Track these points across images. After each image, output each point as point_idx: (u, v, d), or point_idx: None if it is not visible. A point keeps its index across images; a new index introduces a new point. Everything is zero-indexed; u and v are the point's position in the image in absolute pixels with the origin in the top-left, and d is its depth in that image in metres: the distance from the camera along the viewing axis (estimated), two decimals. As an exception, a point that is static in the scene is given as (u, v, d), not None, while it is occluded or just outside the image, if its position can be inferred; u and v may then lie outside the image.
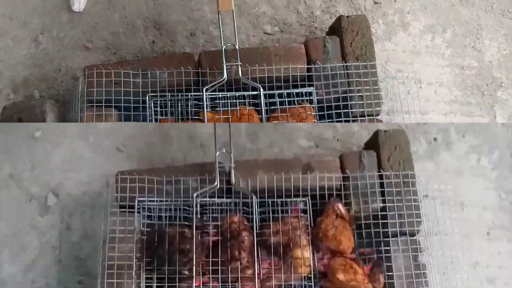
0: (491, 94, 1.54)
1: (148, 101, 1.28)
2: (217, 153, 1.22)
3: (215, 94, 1.30)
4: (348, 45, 1.32)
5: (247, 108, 1.29)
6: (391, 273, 1.19)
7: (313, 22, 1.56)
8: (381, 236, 1.22)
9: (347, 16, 1.35)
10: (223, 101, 1.31)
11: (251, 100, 1.30)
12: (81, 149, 1.47)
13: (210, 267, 1.17)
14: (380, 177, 1.26)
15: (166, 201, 1.24)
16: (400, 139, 1.30)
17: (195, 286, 1.13)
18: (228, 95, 1.30)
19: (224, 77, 1.23)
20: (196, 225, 1.19)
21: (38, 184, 1.43)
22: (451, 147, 1.53)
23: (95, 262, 1.27)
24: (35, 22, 1.54)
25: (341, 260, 1.18)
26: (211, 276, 1.18)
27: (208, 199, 1.26)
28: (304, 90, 1.31)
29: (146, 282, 1.19)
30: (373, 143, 1.33)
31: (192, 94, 1.29)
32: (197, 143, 1.48)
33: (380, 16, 1.55)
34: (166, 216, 1.24)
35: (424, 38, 1.55)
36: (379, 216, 1.24)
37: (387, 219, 1.23)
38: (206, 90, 1.23)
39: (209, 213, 1.26)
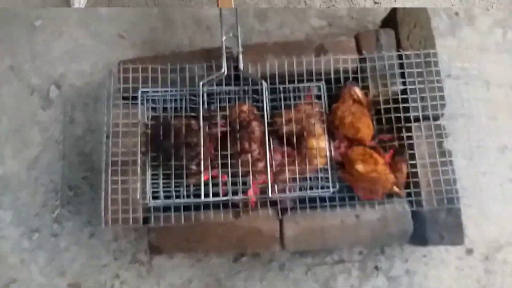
0: None
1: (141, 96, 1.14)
2: (224, 37, 1.12)
3: (212, 89, 1.16)
4: (405, 38, 1.16)
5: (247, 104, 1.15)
6: (414, 162, 1.08)
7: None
8: (403, 121, 1.10)
9: (403, 8, 1.18)
10: (222, 96, 1.17)
11: (255, 96, 1.17)
12: (83, 38, 1.38)
13: (219, 161, 1.08)
14: (400, 57, 1.14)
15: (171, 91, 1.15)
16: (420, 15, 1.17)
17: (204, 181, 1.05)
18: (227, 89, 1.16)
19: (223, 71, 1.11)
20: (203, 115, 1.09)
21: (40, 76, 1.36)
22: (474, 21, 1.37)
23: (100, 157, 1.20)
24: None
25: (360, 149, 1.07)
26: (220, 170, 1.09)
27: (215, 87, 1.16)
28: (312, 84, 1.15)
29: (152, 178, 1.12)
30: (390, 21, 1.20)
31: (188, 88, 1.16)
32: (203, 26, 1.36)
33: (442, 8, 1.35)
34: (171, 108, 1.15)
35: (494, 34, 1.35)
36: (400, 100, 1.12)
37: (408, 103, 1.11)
38: (203, 85, 1.11)
39: (217, 103, 1.17)
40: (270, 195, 1.05)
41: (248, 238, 1.07)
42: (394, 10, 1.19)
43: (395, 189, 1.05)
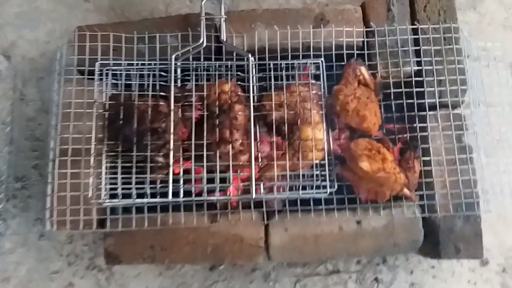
0: None
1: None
2: (204, 0, 0.91)
3: (188, 64, 0.95)
4: (421, 9, 0.98)
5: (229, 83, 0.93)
6: (428, 158, 0.89)
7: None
8: (416, 109, 0.90)
9: None
10: (199, 72, 0.96)
11: (240, 74, 0.96)
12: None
13: (193, 152, 0.86)
14: (415, 31, 0.96)
15: (136, 64, 0.94)
16: (437, -15, 0.98)
17: (173, 176, 0.84)
18: (205, 65, 0.96)
19: (201, 41, 0.92)
20: (174, 95, 0.87)
21: (-14, 43, 1.13)
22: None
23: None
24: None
25: (365, 142, 0.86)
26: (193, 163, 0.86)
27: (191, 62, 0.94)
28: (309, 61, 0.95)
29: (110, 172, 0.89)
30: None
31: (157, 62, 0.95)
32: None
33: None
34: (136, 85, 0.93)
35: None
36: (413, 83, 0.92)
37: (423, 87, 0.92)
38: (176, 58, 0.92)
39: (193, 81, 0.95)
40: (253, 195, 0.84)
41: (227, 248, 0.88)
42: (406, -24, 0.98)
43: (405, 192, 0.86)
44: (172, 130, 0.85)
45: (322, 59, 0.94)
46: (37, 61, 1.12)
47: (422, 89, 0.91)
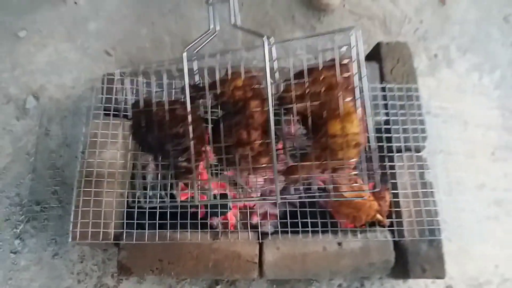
0: None
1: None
2: None
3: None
4: (388, 72, 1.17)
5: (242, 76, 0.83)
6: (396, 191, 1.05)
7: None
8: (385, 151, 1.07)
9: (387, 43, 1.21)
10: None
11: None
12: (68, 51, 1.32)
13: (212, 156, 0.85)
14: (383, 89, 1.13)
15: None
16: (402, 51, 1.18)
17: (200, 182, 0.89)
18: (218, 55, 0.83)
19: (211, 27, 0.84)
20: (190, 94, 0.80)
21: (18, 85, 1.27)
22: (452, 64, 1.40)
23: (72, 172, 1.12)
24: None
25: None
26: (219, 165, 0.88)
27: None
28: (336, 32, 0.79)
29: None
30: (375, 55, 1.20)
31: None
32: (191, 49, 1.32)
33: (422, 50, 1.41)
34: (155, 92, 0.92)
35: (471, 77, 1.40)
36: (383, 130, 1.10)
37: (391, 133, 1.09)
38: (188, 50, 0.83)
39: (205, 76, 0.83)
40: (279, 199, 0.81)
41: (226, 263, 0.98)
42: (378, 45, 1.19)
43: (378, 217, 1.00)
44: (191, 135, 0.81)
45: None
46: (62, 103, 1.26)
47: (390, 135, 1.10)
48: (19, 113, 1.25)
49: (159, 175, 0.97)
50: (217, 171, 1.02)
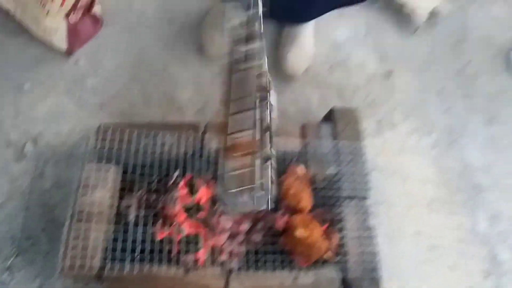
0: (473, 196, 1.57)
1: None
2: None
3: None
4: (341, 132, 1.36)
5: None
6: (344, 233, 1.22)
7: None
8: (335, 199, 1.26)
9: (340, 108, 1.42)
10: None
11: None
12: (66, 103, 1.48)
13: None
14: (335, 146, 1.33)
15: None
16: (353, 115, 1.39)
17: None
18: None
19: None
20: None
21: (19, 131, 1.42)
22: (395, 127, 1.62)
23: (62, 211, 1.25)
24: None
25: (301, 216, 1.20)
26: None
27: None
28: None
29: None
30: (330, 117, 1.41)
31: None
32: (175, 107, 1.52)
33: (370, 115, 1.63)
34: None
35: (410, 138, 1.62)
36: (333, 181, 1.28)
37: (340, 184, 1.27)
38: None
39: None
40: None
41: (196, 294, 1.12)
42: (332, 109, 1.40)
43: (328, 255, 1.17)
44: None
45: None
46: (57, 148, 1.40)
47: (339, 185, 1.28)
48: (18, 156, 1.39)
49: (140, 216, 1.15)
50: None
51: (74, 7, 1.46)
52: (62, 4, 1.41)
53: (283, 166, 1.29)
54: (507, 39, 1.92)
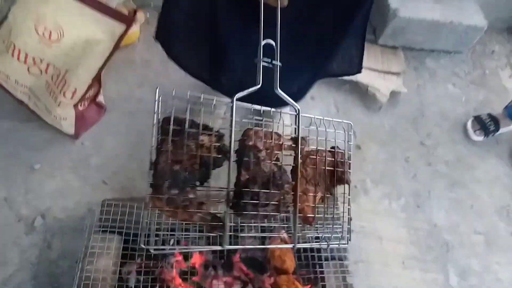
0: (442, 253, 1.74)
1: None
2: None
3: None
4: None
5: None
6: (326, 291, 1.35)
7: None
8: (316, 259, 1.40)
9: None
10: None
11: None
12: (72, 180, 1.64)
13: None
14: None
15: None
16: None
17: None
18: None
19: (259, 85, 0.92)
20: None
21: (29, 207, 1.56)
22: (368, 193, 1.81)
23: (68, 279, 1.36)
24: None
25: (285, 277, 1.34)
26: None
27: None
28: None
29: None
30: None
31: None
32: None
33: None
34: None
35: (382, 202, 1.83)
36: (314, 243, 1.42)
37: (320, 247, 1.42)
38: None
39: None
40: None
41: None
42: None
43: (312, 311, 1.29)
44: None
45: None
46: (64, 221, 1.54)
47: (319, 248, 1.43)
48: (28, 229, 1.52)
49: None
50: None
51: (82, 98, 1.68)
52: (72, 97, 1.62)
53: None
54: (460, 113, 2.21)
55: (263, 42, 0.94)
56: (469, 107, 2.27)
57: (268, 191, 0.92)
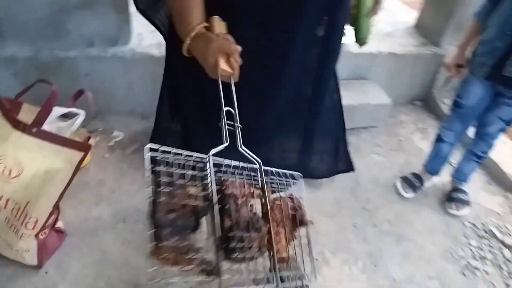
0: None
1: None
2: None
3: None
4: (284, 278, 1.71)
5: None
6: None
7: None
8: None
9: None
10: None
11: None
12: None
13: None
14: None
15: None
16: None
17: None
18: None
19: (226, 144, 1.03)
20: None
21: None
22: (329, 263, 1.94)
23: None
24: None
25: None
26: None
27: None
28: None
29: None
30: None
31: None
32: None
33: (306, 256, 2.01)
34: None
35: (343, 269, 1.94)
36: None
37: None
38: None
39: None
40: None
41: None
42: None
43: None
44: None
45: None
46: None
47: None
48: None
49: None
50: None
51: (43, 227, 1.72)
52: (33, 227, 1.66)
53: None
54: (389, 176, 2.52)
55: (225, 109, 1.06)
56: (394, 170, 2.58)
57: (249, 234, 0.98)
